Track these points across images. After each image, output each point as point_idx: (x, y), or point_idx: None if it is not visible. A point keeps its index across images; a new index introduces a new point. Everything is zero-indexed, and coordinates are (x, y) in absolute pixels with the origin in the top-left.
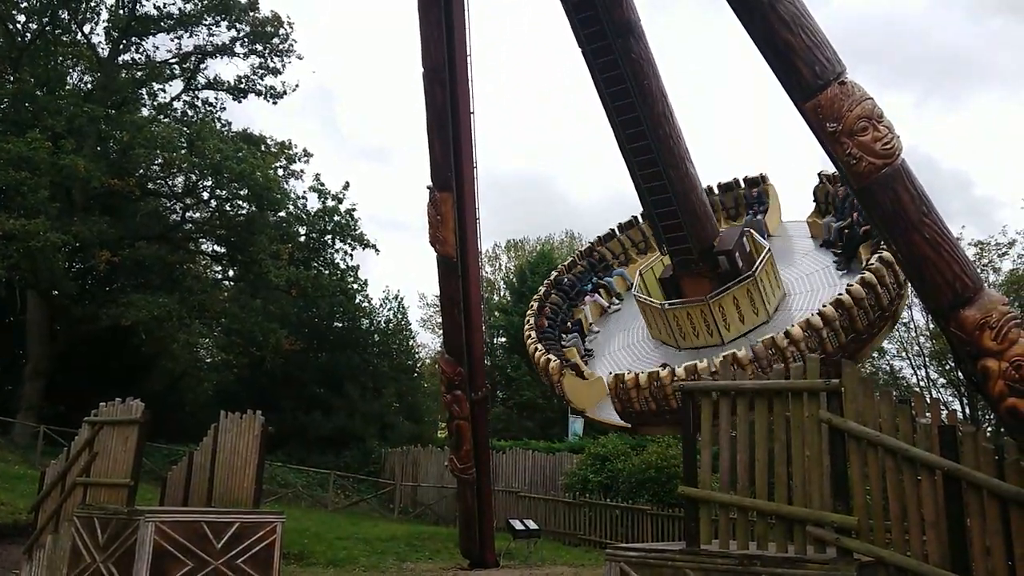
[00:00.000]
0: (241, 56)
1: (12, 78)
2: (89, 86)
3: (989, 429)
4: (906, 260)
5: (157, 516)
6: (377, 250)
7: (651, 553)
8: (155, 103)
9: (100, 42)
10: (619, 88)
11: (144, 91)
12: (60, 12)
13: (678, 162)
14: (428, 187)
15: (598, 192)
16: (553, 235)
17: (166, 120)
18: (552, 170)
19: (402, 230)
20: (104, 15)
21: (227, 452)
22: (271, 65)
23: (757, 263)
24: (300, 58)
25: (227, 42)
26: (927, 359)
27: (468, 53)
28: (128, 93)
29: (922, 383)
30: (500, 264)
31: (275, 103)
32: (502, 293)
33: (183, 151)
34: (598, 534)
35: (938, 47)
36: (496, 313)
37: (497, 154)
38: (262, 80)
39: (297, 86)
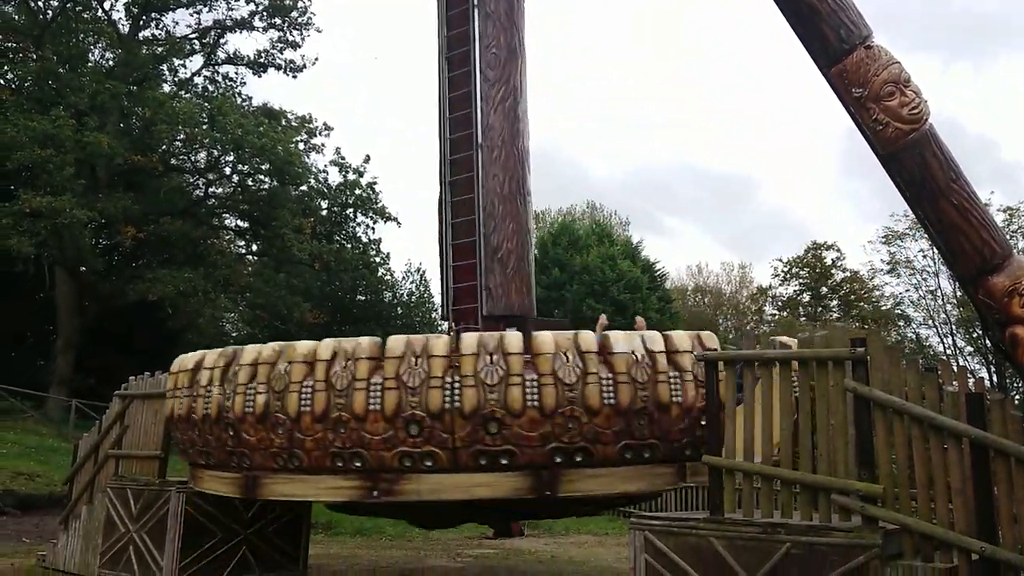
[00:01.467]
0: (260, 30)
1: (35, 56)
2: (111, 63)
3: (1017, 397)
4: (933, 227)
5: (188, 487)
6: (399, 223)
7: (675, 522)
8: (176, 79)
9: (120, 18)
10: None
11: (165, 67)
12: None
13: None
14: None
15: (616, 165)
16: (575, 206)
17: (187, 96)
18: (568, 143)
19: (424, 203)
20: None
21: None
22: (290, 39)
23: None
24: (319, 31)
25: (246, 16)
26: (954, 327)
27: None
28: (149, 69)
29: (949, 351)
30: None
31: (295, 77)
32: None
33: (204, 126)
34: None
35: (965, 8)
36: None
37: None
38: (281, 54)
39: (316, 59)
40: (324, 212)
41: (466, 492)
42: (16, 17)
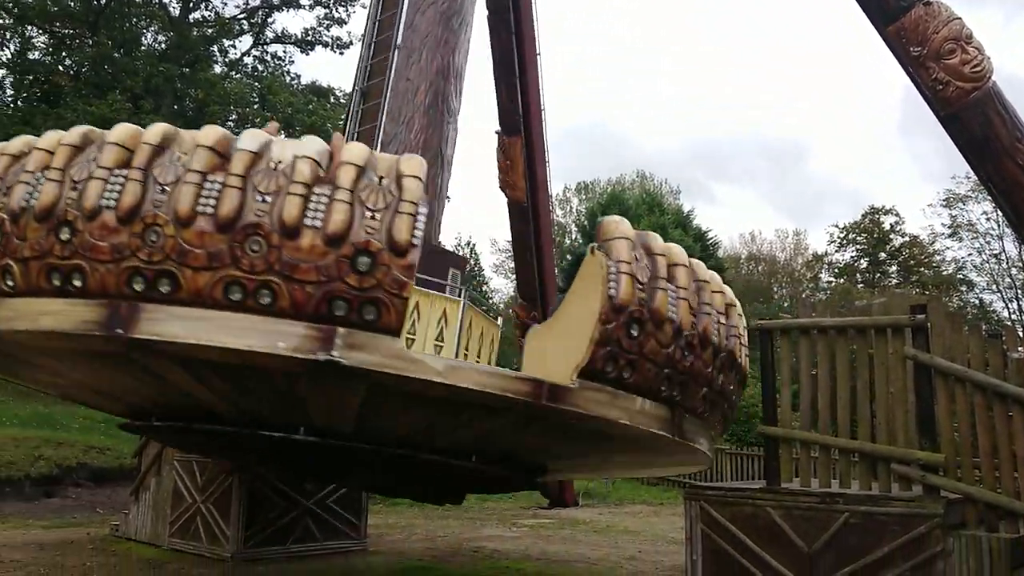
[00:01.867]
0: (307, 8)
1: (91, 41)
2: (163, 46)
3: None
4: (997, 188)
5: None
6: (448, 198)
7: (731, 492)
8: (226, 60)
9: (171, 2)
10: None
11: (215, 48)
12: None
13: None
14: (496, 132)
15: (666, 138)
16: (624, 176)
17: (237, 76)
18: (617, 115)
19: (472, 176)
20: None
21: None
22: (336, 15)
23: None
24: (364, 7)
25: None
26: (1019, 291)
27: None
28: (200, 51)
29: (1014, 316)
30: (571, 207)
31: (342, 54)
32: (573, 236)
33: (256, 106)
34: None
35: None
36: (568, 256)
37: (564, 99)
38: (328, 31)
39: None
40: None
41: (33, 322)
42: (72, 4)
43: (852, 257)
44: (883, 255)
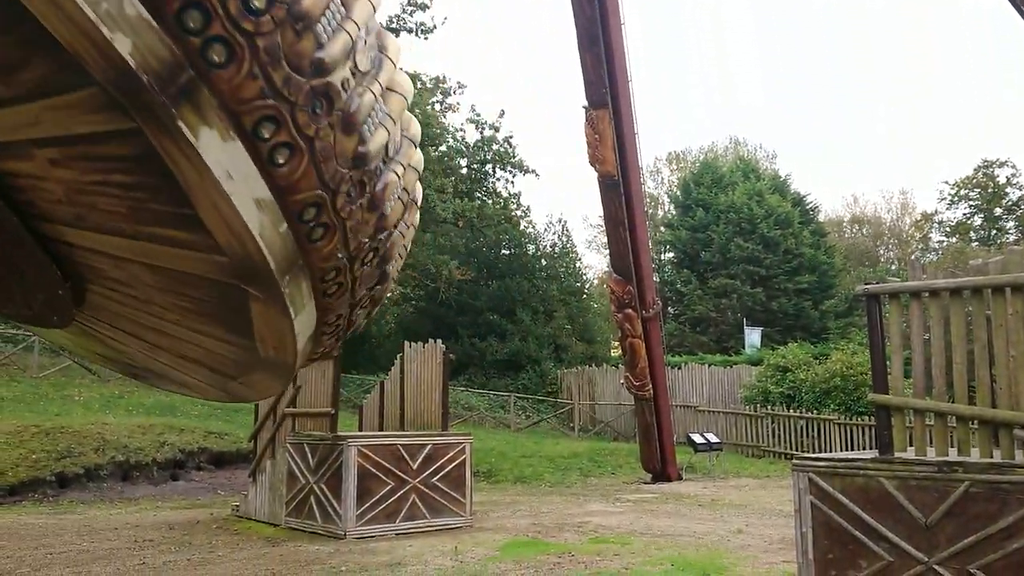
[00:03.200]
0: None
1: None
2: None
3: None
4: None
5: (358, 441)
6: (537, 175)
7: (841, 462)
8: None
9: None
10: None
11: None
12: None
13: None
14: (584, 106)
15: (759, 92)
16: (716, 143)
17: None
18: (705, 78)
19: (562, 152)
20: None
21: (414, 380)
22: (419, 1)
23: None
24: None
25: None
26: None
27: None
28: None
29: None
30: (663, 178)
31: (426, 39)
32: (667, 208)
33: None
34: (782, 445)
35: None
36: (662, 228)
37: (651, 67)
38: (411, 17)
39: (446, 19)
40: (464, 170)
41: None
42: None
43: (965, 215)
44: (999, 211)
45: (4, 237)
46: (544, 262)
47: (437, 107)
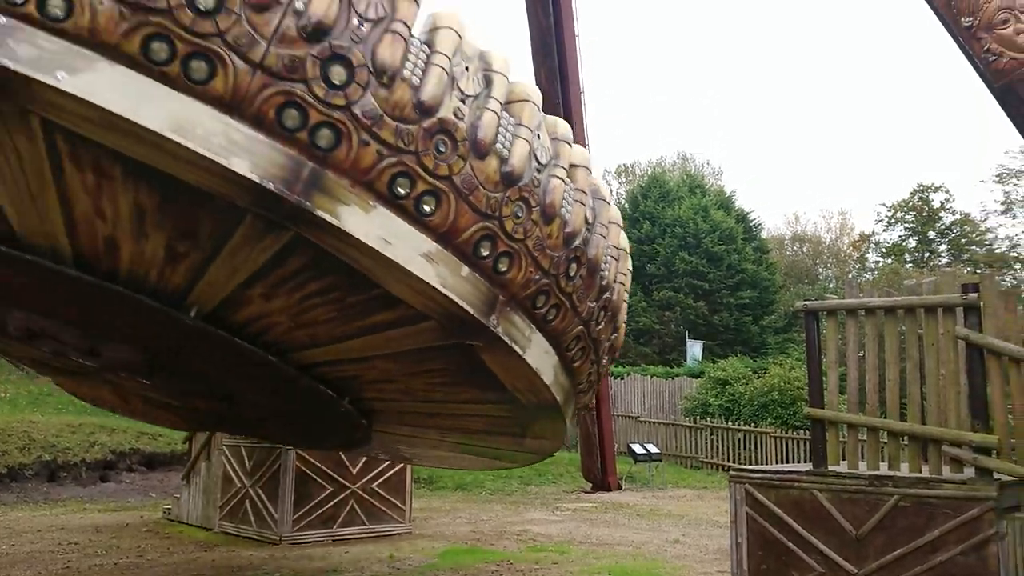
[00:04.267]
0: None
1: None
2: None
3: None
4: None
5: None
6: None
7: (776, 474)
8: None
9: None
10: None
11: None
12: None
13: None
14: None
15: (708, 108)
16: (664, 157)
17: None
18: (659, 95)
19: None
20: None
21: None
22: None
23: None
24: None
25: None
26: None
27: None
28: None
29: None
30: (611, 190)
31: None
32: None
33: None
34: (720, 457)
35: None
36: None
37: (602, 78)
38: None
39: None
40: None
41: None
42: None
43: (900, 236)
44: (933, 233)
45: (281, 384)
46: None
47: None
